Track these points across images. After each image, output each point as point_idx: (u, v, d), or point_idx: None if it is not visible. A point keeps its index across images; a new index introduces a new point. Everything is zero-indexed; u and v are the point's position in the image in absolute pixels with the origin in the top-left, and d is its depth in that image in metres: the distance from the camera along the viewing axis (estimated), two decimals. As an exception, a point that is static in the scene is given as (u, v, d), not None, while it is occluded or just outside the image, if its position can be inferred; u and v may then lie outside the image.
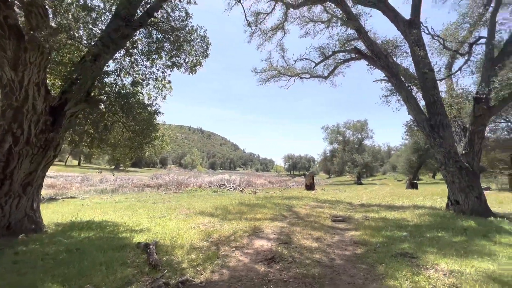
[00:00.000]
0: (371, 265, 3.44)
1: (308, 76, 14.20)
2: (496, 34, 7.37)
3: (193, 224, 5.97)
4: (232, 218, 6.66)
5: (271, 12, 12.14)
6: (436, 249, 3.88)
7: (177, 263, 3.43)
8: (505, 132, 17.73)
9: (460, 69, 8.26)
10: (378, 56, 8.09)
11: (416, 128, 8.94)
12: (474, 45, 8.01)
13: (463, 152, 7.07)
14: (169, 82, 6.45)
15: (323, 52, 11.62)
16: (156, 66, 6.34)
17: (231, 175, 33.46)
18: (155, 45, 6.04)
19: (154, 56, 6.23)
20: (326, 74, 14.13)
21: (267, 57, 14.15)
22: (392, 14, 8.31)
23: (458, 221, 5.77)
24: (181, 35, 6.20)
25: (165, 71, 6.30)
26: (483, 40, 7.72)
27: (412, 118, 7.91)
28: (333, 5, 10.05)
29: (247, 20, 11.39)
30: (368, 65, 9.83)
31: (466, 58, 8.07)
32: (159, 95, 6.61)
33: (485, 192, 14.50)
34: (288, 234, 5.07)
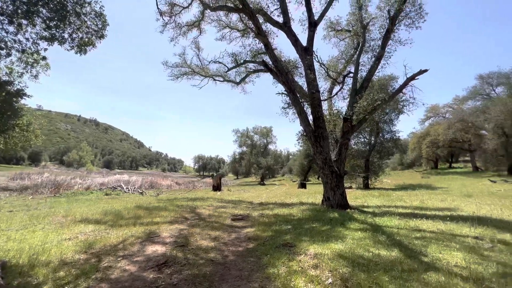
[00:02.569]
0: (258, 257, 3.86)
1: (221, 79, 14.49)
2: (359, 72, 9.86)
3: (69, 234, 4.94)
4: (124, 224, 5.93)
5: (187, 7, 11.71)
6: (309, 237, 4.77)
7: (36, 285, 2.75)
8: (363, 145, 23.82)
9: (336, 94, 10.57)
10: (280, 72, 9.23)
11: (305, 138, 10.73)
12: (346, 77, 10.43)
13: (335, 159, 9.03)
14: (44, 58, 5.14)
15: (236, 59, 12.20)
16: (24, 34, 4.91)
17: (132, 176, 29.63)
18: (25, 7, 4.68)
19: (22, 21, 4.81)
20: (238, 80, 14.83)
21: (181, 52, 13.54)
22: (294, 39, 9.69)
23: (327, 214, 7.31)
24: (69, 4, 5.08)
25: (38, 43, 4.98)
26: (352, 74, 10.15)
27: (302, 129, 9.43)
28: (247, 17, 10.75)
29: (158, 8, 10.55)
30: (273, 78, 11.04)
31: (340, 86, 10.40)
32: (27, 72, 5.14)
33: (348, 190, 18.81)
34: (186, 236, 4.99)
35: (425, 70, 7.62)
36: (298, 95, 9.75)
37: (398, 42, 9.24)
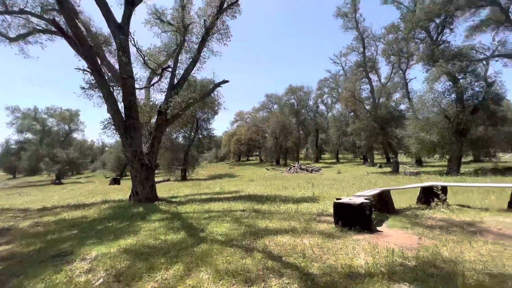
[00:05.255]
0: (2, 283, 2.82)
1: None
2: (177, 68, 10.23)
3: None
4: None
5: None
6: (96, 239, 4.21)
7: None
8: (183, 140, 25.24)
9: (153, 85, 10.30)
10: (82, 43, 7.44)
11: (113, 127, 9.48)
12: (165, 70, 10.43)
13: (147, 151, 8.74)
14: None
15: (5, 4, 8.28)
16: None
17: None
18: None
19: None
20: (13, 36, 10.28)
21: None
22: (105, 9, 8.16)
23: (132, 209, 6.91)
24: None
25: None
26: (171, 69, 10.32)
27: (110, 117, 8.23)
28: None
29: None
30: (72, 48, 8.67)
31: (159, 78, 10.26)
32: None
33: (165, 183, 19.08)
34: None
35: (227, 81, 9.38)
36: (108, 77, 8.40)
37: (211, 51, 10.63)
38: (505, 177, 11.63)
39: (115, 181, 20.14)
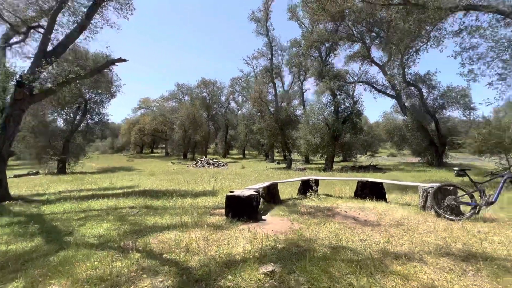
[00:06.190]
0: None
1: None
2: (54, 31, 8.02)
3: None
4: None
5: None
6: None
7: None
8: (65, 124, 20.33)
9: (10, 45, 7.67)
10: None
11: None
12: (34, 30, 7.97)
13: (-6, 135, 6.43)
14: None
15: None
16: None
17: None
18: None
19: None
20: None
21: None
22: None
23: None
24: None
25: None
26: (43, 31, 7.98)
27: None
28: None
29: None
30: None
31: (22, 38, 7.72)
32: None
33: (31, 177, 14.84)
34: None
35: (124, 60, 8.12)
36: None
37: (106, 21, 8.91)
38: (358, 173, 15.60)
39: None
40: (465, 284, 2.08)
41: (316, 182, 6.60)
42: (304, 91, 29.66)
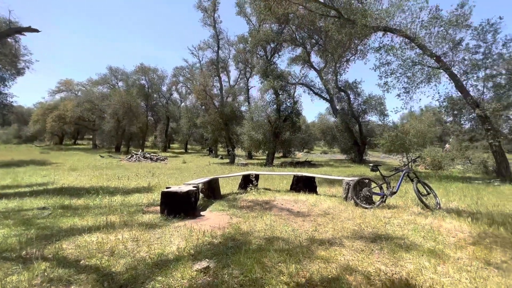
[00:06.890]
0: None
1: None
2: None
3: None
4: None
5: None
6: None
7: None
8: None
9: None
10: None
11: None
12: None
13: None
14: None
15: None
16: None
17: None
18: None
19: None
20: None
21: None
22: None
23: None
24: None
25: None
26: None
27: None
28: None
29: None
30: None
31: None
32: None
33: None
34: None
35: (36, 30, 6.65)
36: None
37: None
38: (295, 168, 16.85)
39: None
40: (372, 261, 2.48)
41: (257, 177, 6.81)
42: (249, 88, 30.15)
